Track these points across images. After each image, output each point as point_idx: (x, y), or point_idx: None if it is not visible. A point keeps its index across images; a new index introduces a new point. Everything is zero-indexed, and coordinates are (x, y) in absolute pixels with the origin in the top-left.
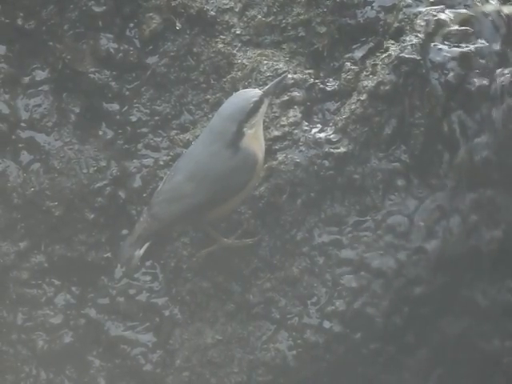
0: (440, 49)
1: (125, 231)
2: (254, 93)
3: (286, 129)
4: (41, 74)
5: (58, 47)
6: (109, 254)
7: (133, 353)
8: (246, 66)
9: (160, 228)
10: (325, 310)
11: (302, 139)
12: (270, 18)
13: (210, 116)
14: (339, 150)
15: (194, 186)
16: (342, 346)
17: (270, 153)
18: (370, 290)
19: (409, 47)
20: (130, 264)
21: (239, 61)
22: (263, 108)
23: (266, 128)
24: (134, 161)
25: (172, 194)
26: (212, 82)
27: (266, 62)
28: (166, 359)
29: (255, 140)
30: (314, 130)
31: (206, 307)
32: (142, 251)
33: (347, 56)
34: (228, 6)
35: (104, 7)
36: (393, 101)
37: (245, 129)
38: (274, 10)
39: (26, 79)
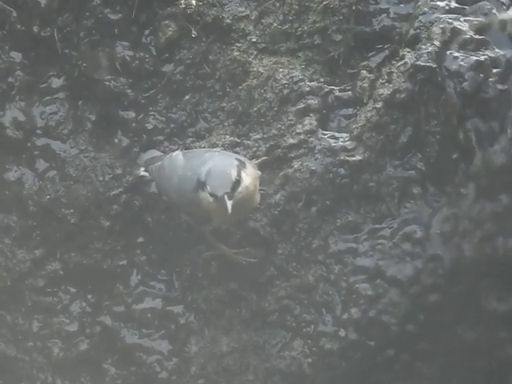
0: (456, 57)
1: (140, 239)
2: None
3: (302, 136)
4: (56, 82)
5: (73, 55)
6: (124, 262)
7: (148, 360)
8: (262, 73)
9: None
10: (340, 317)
11: (317, 147)
12: (286, 26)
13: (225, 124)
14: (355, 158)
15: (177, 181)
16: (358, 353)
17: (285, 161)
18: (386, 298)
19: (425, 55)
20: (135, 171)
21: (255, 68)
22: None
23: (281, 136)
24: None
25: (167, 169)
26: (228, 89)
27: (281, 69)
28: (181, 367)
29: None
30: (329, 138)
31: (221, 315)
32: (141, 173)
33: (363, 64)
34: (244, 14)
35: (120, 15)
36: (408, 109)
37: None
38: (290, 18)
39: (42, 87)
